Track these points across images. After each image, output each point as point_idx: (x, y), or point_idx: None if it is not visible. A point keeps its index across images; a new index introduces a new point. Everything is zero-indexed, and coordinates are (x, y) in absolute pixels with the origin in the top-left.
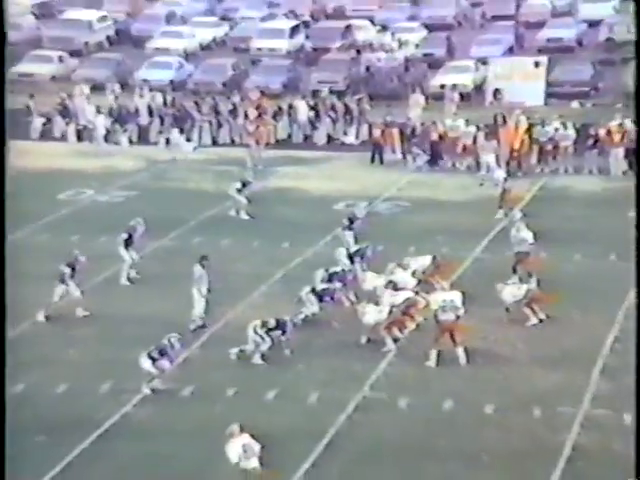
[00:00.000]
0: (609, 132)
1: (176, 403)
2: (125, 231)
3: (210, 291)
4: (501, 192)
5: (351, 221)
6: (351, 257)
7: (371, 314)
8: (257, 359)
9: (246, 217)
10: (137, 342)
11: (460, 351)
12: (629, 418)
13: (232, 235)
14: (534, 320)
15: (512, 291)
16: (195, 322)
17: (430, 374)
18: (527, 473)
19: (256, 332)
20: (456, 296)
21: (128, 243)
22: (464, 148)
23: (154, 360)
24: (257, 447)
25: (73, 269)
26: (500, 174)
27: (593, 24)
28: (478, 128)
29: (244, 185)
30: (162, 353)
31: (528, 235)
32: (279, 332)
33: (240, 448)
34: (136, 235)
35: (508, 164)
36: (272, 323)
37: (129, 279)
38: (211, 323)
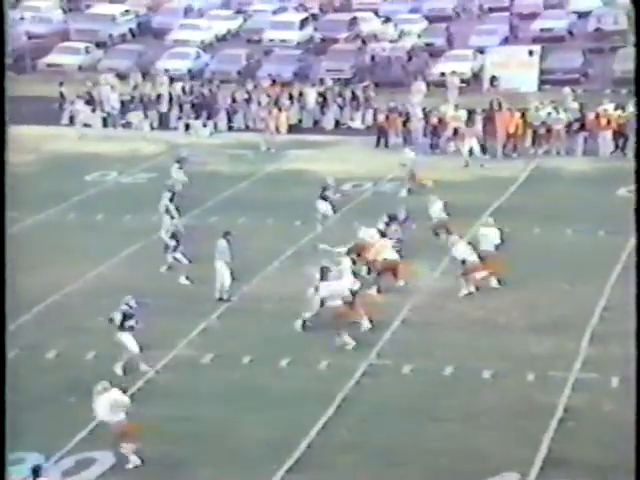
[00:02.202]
0: (597, 116)
1: (197, 369)
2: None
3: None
4: (409, 172)
5: (324, 189)
6: (387, 223)
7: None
8: (298, 325)
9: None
10: (161, 312)
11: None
12: (616, 381)
13: (247, 214)
14: (465, 291)
15: (466, 249)
16: (220, 292)
17: (432, 341)
18: (522, 433)
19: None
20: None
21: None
22: (457, 131)
23: (124, 326)
24: (127, 400)
25: (178, 241)
26: (409, 155)
27: (583, 15)
28: (473, 113)
29: (179, 162)
30: (126, 316)
31: (437, 208)
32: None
33: (108, 403)
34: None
35: (504, 147)
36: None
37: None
38: (244, 281)
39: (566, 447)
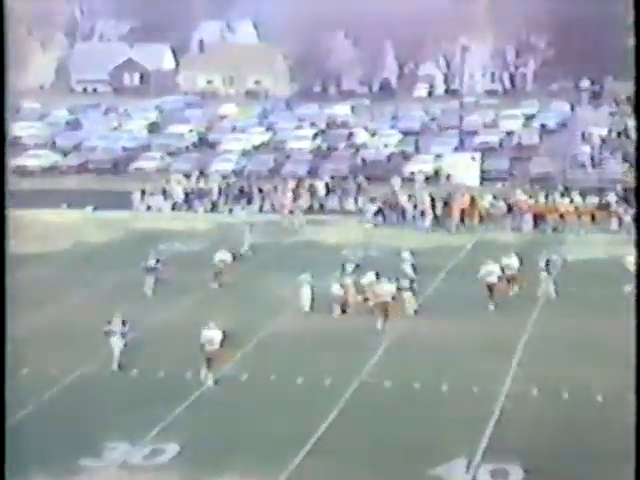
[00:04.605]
0: (519, 203)
1: (239, 386)
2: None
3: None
4: None
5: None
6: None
7: None
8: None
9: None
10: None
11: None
12: (535, 391)
13: (275, 270)
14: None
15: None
16: (304, 309)
17: (405, 364)
18: (469, 430)
19: None
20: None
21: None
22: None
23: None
24: None
25: (158, 261)
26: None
27: (509, 133)
28: (434, 199)
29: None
30: (124, 323)
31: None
32: None
33: None
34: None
35: (457, 224)
36: None
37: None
38: (260, 327)
39: (501, 439)
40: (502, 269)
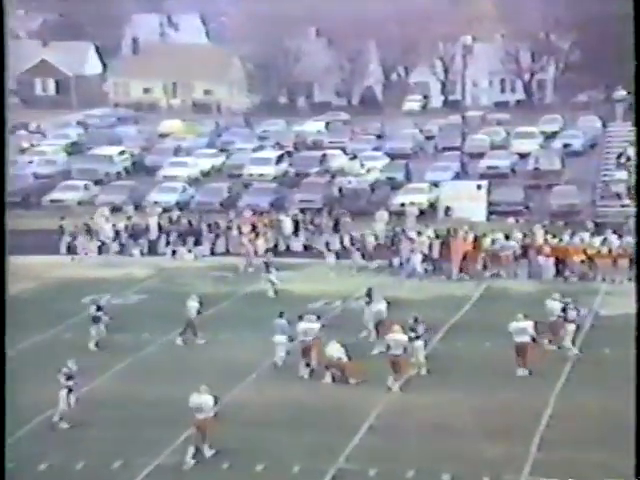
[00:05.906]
0: (539, 244)
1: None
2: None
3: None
4: None
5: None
6: None
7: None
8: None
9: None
10: (145, 423)
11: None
12: None
13: (228, 329)
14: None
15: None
16: (277, 363)
17: (395, 446)
18: None
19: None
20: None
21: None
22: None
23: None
24: None
25: (99, 309)
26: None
27: (523, 156)
28: (432, 238)
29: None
30: (70, 377)
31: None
32: None
33: None
34: None
35: (461, 270)
36: None
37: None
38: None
39: None
40: (536, 324)
